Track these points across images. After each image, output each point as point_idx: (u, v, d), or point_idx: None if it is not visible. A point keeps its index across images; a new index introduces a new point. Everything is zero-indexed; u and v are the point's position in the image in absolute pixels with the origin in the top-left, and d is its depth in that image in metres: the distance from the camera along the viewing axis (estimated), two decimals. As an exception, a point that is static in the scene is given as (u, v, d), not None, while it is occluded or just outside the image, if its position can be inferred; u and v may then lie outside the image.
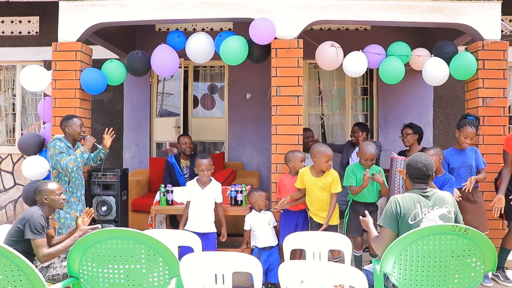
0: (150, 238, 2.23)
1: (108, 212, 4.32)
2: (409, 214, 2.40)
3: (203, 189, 3.72)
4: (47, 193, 2.95)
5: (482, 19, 4.15)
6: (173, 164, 5.07)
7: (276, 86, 4.14)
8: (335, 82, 6.32)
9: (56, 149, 3.62)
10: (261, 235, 3.68)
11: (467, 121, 3.69)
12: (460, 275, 2.20)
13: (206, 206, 3.74)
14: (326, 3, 4.16)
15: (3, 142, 6.31)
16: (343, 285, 2.16)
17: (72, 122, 3.79)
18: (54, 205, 3.00)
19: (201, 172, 3.70)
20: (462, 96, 5.20)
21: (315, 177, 3.57)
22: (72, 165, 3.59)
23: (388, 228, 2.45)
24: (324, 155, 3.50)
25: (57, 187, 3.03)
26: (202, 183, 3.75)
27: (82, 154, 3.70)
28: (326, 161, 3.50)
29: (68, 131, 3.78)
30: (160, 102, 6.51)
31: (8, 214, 6.11)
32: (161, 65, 4.29)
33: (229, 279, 2.31)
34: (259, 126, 5.98)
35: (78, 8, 4.29)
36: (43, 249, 2.76)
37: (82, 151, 3.71)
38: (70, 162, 3.59)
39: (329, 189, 3.56)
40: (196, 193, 3.73)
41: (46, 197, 2.95)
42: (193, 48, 4.25)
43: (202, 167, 3.68)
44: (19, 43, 6.11)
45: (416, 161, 2.53)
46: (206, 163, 3.69)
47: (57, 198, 2.98)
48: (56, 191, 2.99)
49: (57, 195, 2.99)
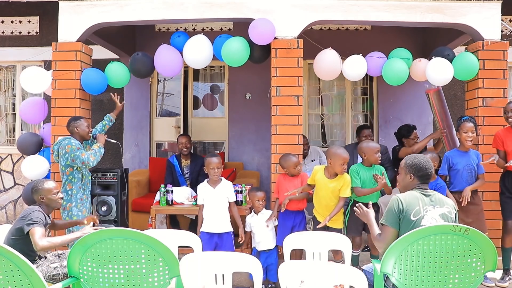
0: (150, 238, 2.23)
1: (108, 212, 4.31)
2: (411, 211, 2.40)
3: (214, 188, 3.67)
4: (44, 192, 2.93)
5: (482, 19, 4.15)
6: (174, 164, 5.07)
7: (276, 86, 4.14)
8: (335, 82, 6.32)
9: (74, 146, 3.73)
10: (259, 238, 3.67)
11: (463, 120, 3.73)
12: (460, 275, 2.19)
13: (219, 205, 3.66)
14: (326, 3, 4.16)
15: (3, 142, 6.31)
16: (343, 285, 2.16)
17: (80, 122, 3.92)
18: (51, 204, 2.98)
19: (211, 170, 3.64)
20: (462, 96, 5.20)
21: (327, 178, 3.54)
22: (93, 159, 3.77)
23: (391, 227, 2.45)
24: (340, 158, 3.43)
25: (55, 185, 3.01)
26: (213, 182, 3.69)
27: (100, 148, 3.88)
28: (341, 164, 3.44)
29: (77, 131, 3.89)
30: (160, 102, 6.51)
31: (8, 214, 6.11)
32: (164, 65, 4.28)
33: (229, 279, 2.31)
34: (259, 126, 5.98)
35: (78, 8, 4.29)
36: (39, 238, 2.67)
37: (99, 146, 3.89)
38: (91, 156, 3.75)
39: (338, 192, 3.53)
40: (208, 193, 3.67)
41: (43, 196, 2.93)
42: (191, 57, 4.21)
43: (212, 165, 3.63)
44: (19, 43, 6.11)
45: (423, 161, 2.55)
46: (216, 161, 3.65)
47: (54, 198, 2.96)
48: (53, 190, 2.96)
49: (54, 194, 2.96)
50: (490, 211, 3.90)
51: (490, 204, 3.95)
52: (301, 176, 3.76)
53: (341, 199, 3.53)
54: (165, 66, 4.30)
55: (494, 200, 3.94)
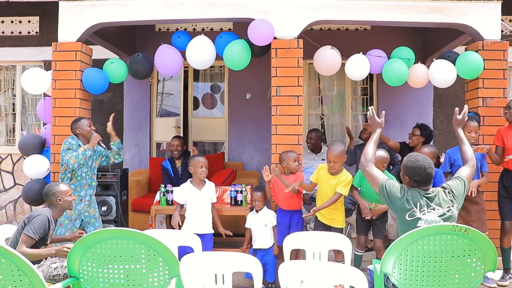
0: (150, 238, 2.23)
1: (108, 212, 4.31)
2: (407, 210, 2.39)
3: (200, 190, 3.70)
4: (61, 194, 3.00)
5: (482, 19, 4.15)
6: (167, 168, 5.08)
7: (276, 86, 4.14)
8: (335, 82, 6.32)
9: (65, 145, 3.73)
10: (256, 236, 3.69)
11: (468, 117, 3.69)
12: (460, 275, 2.19)
13: (204, 207, 3.72)
14: (326, 3, 4.16)
15: (3, 142, 6.31)
16: (343, 285, 2.16)
17: (81, 123, 3.89)
18: (66, 206, 3.05)
19: (199, 169, 3.66)
20: (462, 96, 5.19)
21: (329, 175, 3.61)
22: (73, 161, 3.65)
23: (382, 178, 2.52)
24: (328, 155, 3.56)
25: (69, 188, 3.09)
26: (198, 183, 3.72)
27: (85, 151, 3.74)
28: (330, 161, 3.53)
29: (79, 132, 3.87)
30: (160, 102, 6.51)
31: (8, 214, 6.11)
32: (165, 64, 4.29)
33: (229, 279, 2.31)
34: (259, 126, 5.98)
35: (78, 8, 4.29)
36: (24, 246, 2.76)
37: (85, 148, 3.76)
38: (71, 159, 3.65)
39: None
40: (194, 195, 3.70)
41: (60, 198, 2.99)
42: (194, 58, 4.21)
43: (201, 164, 3.66)
44: (19, 43, 6.10)
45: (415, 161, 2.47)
46: (204, 160, 3.69)
47: (70, 199, 3.05)
48: (69, 191, 3.06)
49: (70, 195, 3.05)
50: (490, 211, 3.90)
51: (490, 204, 3.94)
52: (296, 175, 3.76)
53: (336, 194, 3.54)
54: (165, 66, 4.30)
55: (494, 200, 3.93)
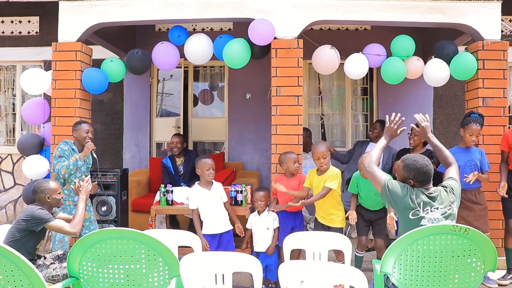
0: (150, 238, 2.23)
1: (108, 212, 4.32)
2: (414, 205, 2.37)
3: (209, 190, 3.67)
4: (50, 191, 2.98)
5: (482, 19, 4.15)
6: (168, 165, 5.08)
7: (276, 86, 4.14)
8: (335, 82, 6.32)
9: (57, 152, 3.68)
10: (257, 239, 3.68)
11: (472, 119, 3.65)
12: (460, 275, 2.19)
13: (217, 206, 3.68)
14: (326, 3, 4.16)
15: (3, 142, 6.31)
16: (343, 285, 2.16)
17: (79, 127, 3.81)
18: (54, 204, 3.02)
19: (207, 171, 3.62)
20: (462, 96, 5.20)
21: (318, 176, 3.61)
22: (64, 171, 3.61)
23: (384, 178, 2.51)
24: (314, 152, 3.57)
25: (58, 185, 3.08)
26: (206, 184, 3.68)
27: (76, 161, 3.69)
28: (317, 158, 3.55)
29: (74, 135, 3.82)
30: (160, 102, 6.51)
31: (8, 214, 6.11)
32: (162, 59, 4.30)
33: (229, 279, 2.31)
34: (259, 126, 5.98)
35: (78, 8, 4.29)
36: (66, 225, 2.89)
37: (76, 158, 3.71)
38: (62, 169, 3.60)
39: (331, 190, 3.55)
40: (204, 196, 3.66)
41: (49, 196, 2.97)
42: (192, 51, 4.24)
43: (208, 166, 3.62)
44: (19, 43, 6.10)
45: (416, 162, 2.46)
46: (211, 162, 3.66)
47: (58, 197, 3.03)
48: (58, 189, 3.04)
49: (59, 193, 3.04)
50: (490, 211, 3.89)
51: (490, 204, 3.94)
52: (299, 177, 3.76)
53: (324, 189, 3.52)
54: (162, 60, 4.31)
55: (495, 200, 3.93)
